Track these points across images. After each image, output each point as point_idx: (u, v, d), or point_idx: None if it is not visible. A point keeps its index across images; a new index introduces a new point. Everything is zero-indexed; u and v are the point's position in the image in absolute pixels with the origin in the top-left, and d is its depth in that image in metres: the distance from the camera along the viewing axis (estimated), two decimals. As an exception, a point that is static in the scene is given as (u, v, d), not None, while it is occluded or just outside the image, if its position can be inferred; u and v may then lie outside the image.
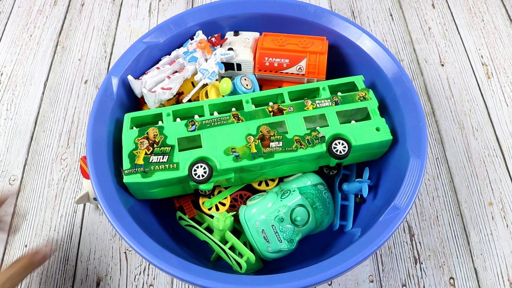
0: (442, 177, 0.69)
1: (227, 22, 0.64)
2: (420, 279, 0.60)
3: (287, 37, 0.60)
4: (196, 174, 0.49)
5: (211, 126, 0.52)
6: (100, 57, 0.82)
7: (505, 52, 0.82)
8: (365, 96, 0.55)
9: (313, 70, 0.58)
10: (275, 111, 0.54)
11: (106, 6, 0.90)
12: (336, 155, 0.51)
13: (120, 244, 0.63)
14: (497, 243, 0.63)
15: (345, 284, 0.60)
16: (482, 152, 0.71)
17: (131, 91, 0.58)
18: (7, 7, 0.90)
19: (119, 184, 0.50)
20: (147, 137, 0.51)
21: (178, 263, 0.44)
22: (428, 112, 0.75)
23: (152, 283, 0.60)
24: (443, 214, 0.65)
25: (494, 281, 0.60)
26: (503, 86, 0.78)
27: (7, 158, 0.71)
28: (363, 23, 0.87)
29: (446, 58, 0.82)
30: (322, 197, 0.53)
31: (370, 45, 0.59)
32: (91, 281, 0.60)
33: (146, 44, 0.59)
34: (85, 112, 0.75)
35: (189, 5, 0.90)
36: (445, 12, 0.88)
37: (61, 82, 0.79)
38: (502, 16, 0.87)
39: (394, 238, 0.63)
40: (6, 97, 0.77)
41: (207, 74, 0.57)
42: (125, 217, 0.47)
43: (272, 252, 0.51)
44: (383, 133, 0.53)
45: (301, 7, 0.62)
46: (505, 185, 0.68)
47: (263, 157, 0.50)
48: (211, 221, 0.54)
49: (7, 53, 0.83)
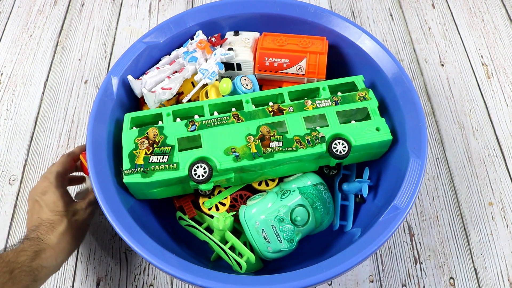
0: (442, 177, 0.69)
1: (227, 22, 0.64)
2: (420, 279, 0.60)
3: (287, 37, 0.60)
4: (196, 174, 0.49)
5: (211, 126, 0.52)
6: (100, 57, 0.82)
7: (505, 52, 0.82)
8: (365, 96, 0.55)
9: (313, 70, 0.58)
10: (275, 111, 0.54)
11: (106, 6, 0.90)
12: (336, 155, 0.51)
13: (120, 244, 0.63)
14: (497, 243, 0.63)
15: (345, 284, 0.60)
16: (482, 152, 0.71)
17: (131, 91, 0.58)
18: (7, 7, 0.89)
19: (119, 184, 0.50)
20: (147, 137, 0.51)
21: (178, 263, 0.44)
22: (428, 112, 0.75)
23: (152, 283, 0.60)
24: (443, 214, 0.65)
25: (494, 281, 0.60)
26: (503, 86, 0.78)
27: (7, 158, 0.71)
28: (363, 23, 0.87)
29: (446, 58, 0.82)
30: (322, 197, 0.53)
31: (370, 45, 0.59)
32: (91, 281, 0.60)
33: (146, 44, 0.59)
34: (85, 112, 0.75)
35: (189, 5, 0.90)
36: (445, 12, 0.88)
37: (61, 82, 0.79)
38: (502, 16, 0.87)
39: (394, 238, 0.63)
40: (6, 97, 0.77)
41: (207, 74, 0.57)
42: (125, 217, 0.47)
43: (272, 252, 0.51)
44: (383, 133, 0.53)
45: (301, 7, 0.62)
46: (505, 185, 0.68)
47: (263, 157, 0.50)
48: (211, 221, 0.54)
49: (7, 53, 0.83)
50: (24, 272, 0.45)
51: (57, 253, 0.49)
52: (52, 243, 0.49)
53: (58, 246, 0.49)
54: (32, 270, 0.46)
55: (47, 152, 0.71)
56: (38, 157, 0.71)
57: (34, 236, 0.49)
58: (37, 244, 0.48)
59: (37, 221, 0.51)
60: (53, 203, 0.52)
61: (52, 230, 0.50)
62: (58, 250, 0.49)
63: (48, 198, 0.52)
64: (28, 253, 0.46)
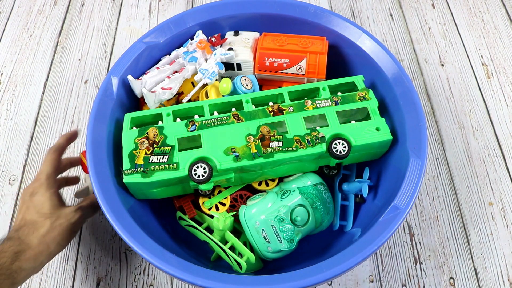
0: (442, 177, 0.69)
1: (227, 22, 0.64)
2: (420, 279, 0.60)
3: (287, 37, 0.60)
4: (196, 174, 0.49)
5: (211, 126, 0.52)
6: (100, 57, 0.82)
7: (505, 52, 0.82)
8: (365, 96, 0.55)
9: (313, 70, 0.58)
10: (275, 111, 0.54)
11: (106, 6, 0.90)
12: (336, 155, 0.51)
13: (120, 244, 0.63)
14: (497, 243, 0.63)
15: (345, 284, 0.60)
16: (482, 152, 0.71)
17: (131, 91, 0.58)
18: (7, 7, 0.90)
19: (119, 184, 0.50)
20: (147, 137, 0.51)
21: (178, 263, 0.44)
22: (428, 112, 0.75)
23: (152, 283, 0.60)
24: (443, 214, 0.65)
25: (494, 281, 0.60)
26: (503, 86, 0.78)
27: (7, 158, 0.71)
28: (363, 23, 0.87)
29: (446, 58, 0.82)
30: (322, 197, 0.53)
31: (370, 45, 0.59)
32: (91, 281, 0.60)
33: (146, 44, 0.59)
34: (85, 112, 0.75)
35: (189, 5, 0.90)
36: (445, 12, 0.88)
37: (61, 82, 0.79)
38: (502, 16, 0.87)
39: (394, 238, 0.63)
40: (6, 97, 0.77)
41: (207, 74, 0.57)
42: (125, 217, 0.47)
43: (272, 252, 0.51)
44: (383, 133, 0.53)
45: (301, 7, 0.62)
46: (505, 185, 0.68)
47: (263, 157, 0.50)
48: (211, 221, 0.54)
49: (7, 53, 0.83)
50: (4, 276, 0.44)
51: (36, 255, 0.48)
52: (32, 244, 0.48)
53: (38, 247, 0.49)
54: (11, 273, 0.45)
55: (47, 152, 0.71)
56: (38, 157, 0.71)
57: (15, 236, 0.48)
58: (17, 245, 0.47)
59: (21, 222, 0.50)
60: (41, 204, 0.52)
61: (33, 231, 0.49)
62: (37, 251, 0.48)
63: (36, 199, 0.52)
64: (8, 254, 0.46)
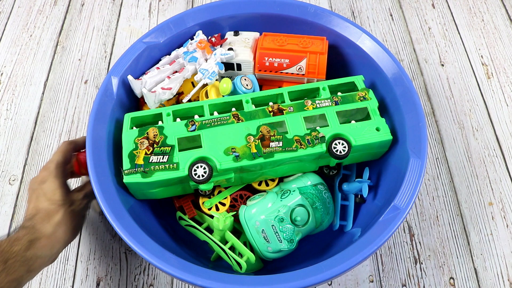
0: (442, 177, 0.69)
1: (227, 22, 0.64)
2: (420, 279, 0.60)
3: (287, 37, 0.60)
4: (196, 174, 0.49)
5: (211, 126, 0.52)
6: (100, 57, 0.82)
7: (505, 52, 0.82)
8: (365, 96, 0.55)
9: (313, 70, 0.58)
10: (275, 111, 0.54)
11: (106, 6, 0.90)
12: (336, 155, 0.51)
13: (120, 244, 0.63)
14: (497, 243, 0.63)
15: (345, 284, 0.60)
16: (482, 152, 0.71)
17: (131, 91, 0.58)
18: (7, 7, 0.90)
19: (119, 184, 0.50)
20: (147, 137, 0.51)
21: (178, 263, 0.44)
22: (428, 112, 0.75)
23: (152, 283, 0.60)
24: (443, 214, 0.65)
25: (494, 281, 0.60)
26: (503, 86, 0.78)
27: (7, 158, 0.71)
28: (363, 23, 0.87)
29: (446, 58, 0.82)
30: (322, 197, 0.53)
31: (370, 45, 0.59)
32: (91, 281, 0.60)
33: (146, 44, 0.59)
34: (85, 112, 0.75)
35: (189, 5, 0.90)
36: (445, 12, 0.88)
37: (61, 82, 0.79)
38: (502, 16, 0.87)
39: (394, 238, 0.63)
40: (6, 97, 0.77)
41: (207, 74, 0.57)
42: (125, 217, 0.47)
43: (272, 252, 0.51)
44: (383, 133, 0.53)
45: (301, 7, 0.62)
46: (505, 185, 0.68)
47: (263, 157, 0.50)
48: (211, 221, 0.54)
49: (7, 53, 0.83)
50: (19, 262, 0.44)
51: (52, 243, 0.48)
52: (47, 232, 0.47)
53: (54, 235, 0.48)
54: (26, 260, 0.44)
55: (47, 152, 0.71)
56: (38, 157, 0.71)
57: (29, 225, 0.47)
58: (31, 233, 0.46)
59: (34, 210, 0.49)
60: (51, 192, 0.50)
61: (48, 219, 0.48)
62: (53, 239, 0.48)
63: (47, 187, 0.51)
64: (23, 242, 0.45)
